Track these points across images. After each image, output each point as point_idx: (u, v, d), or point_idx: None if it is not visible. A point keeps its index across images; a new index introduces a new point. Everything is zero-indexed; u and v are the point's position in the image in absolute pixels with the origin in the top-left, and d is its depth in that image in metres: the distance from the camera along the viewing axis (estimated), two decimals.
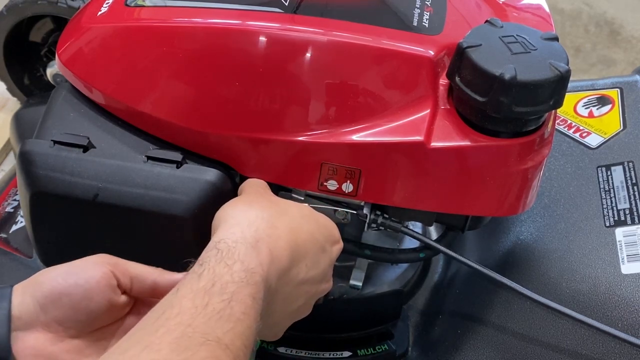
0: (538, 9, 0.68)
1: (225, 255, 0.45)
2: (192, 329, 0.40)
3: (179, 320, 0.40)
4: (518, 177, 0.59)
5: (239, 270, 0.44)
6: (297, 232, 0.50)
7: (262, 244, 0.47)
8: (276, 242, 0.48)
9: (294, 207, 0.53)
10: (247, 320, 0.42)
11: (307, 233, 0.51)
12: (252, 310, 0.43)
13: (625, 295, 0.61)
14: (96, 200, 0.55)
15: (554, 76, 0.53)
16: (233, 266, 0.44)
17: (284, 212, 0.51)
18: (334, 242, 0.55)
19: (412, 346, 0.76)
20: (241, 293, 0.43)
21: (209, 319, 0.40)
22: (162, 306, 0.42)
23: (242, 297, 0.42)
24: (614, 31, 1.80)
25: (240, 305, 0.42)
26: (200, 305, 0.41)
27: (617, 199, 0.69)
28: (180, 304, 0.41)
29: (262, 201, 0.52)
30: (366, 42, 0.57)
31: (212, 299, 0.41)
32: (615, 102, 0.81)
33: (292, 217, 0.51)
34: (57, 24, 1.02)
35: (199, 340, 0.39)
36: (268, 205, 0.51)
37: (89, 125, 0.60)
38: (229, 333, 0.40)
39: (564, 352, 0.62)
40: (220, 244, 0.46)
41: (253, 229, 0.47)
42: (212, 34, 0.57)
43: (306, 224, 0.52)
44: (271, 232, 0.48)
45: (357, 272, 0.75)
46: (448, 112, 0.58)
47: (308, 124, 0.57)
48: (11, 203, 0.91)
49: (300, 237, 0.50)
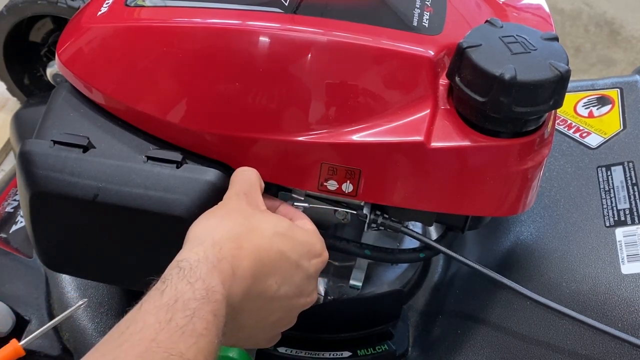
0: (538, 9, 0.68)
1: (187, 274, 0.46)
2: (156, 344, 0.41)
3: (143, 335, 0.41)
4: (518, 177, 0.59)
5: (200, 288, 0.45)
6: (266, 250, 0.51)
7: (224, 263, 0.47)
8: (240, 262, 0.49)
9: (268, 222, 0.53)
10: (208, 336, 0.43)
11: (276, 251, 0.51)
12: (214, 327, 0.44)
13: (625, 295, 0.61)
14: (96, 200, 0.55)
15: (554, 76, 0.53)
16: (195, 284, 0.45)
17: (254, 229, 0.51)
18: (312, 257, 0.55)
19: (412, 346, 0.76)
20: (203, 310, 0.44)
21: (172, 334, 0.42)
22: (125, 322, 0.43)
23: (203, 314, 0.44)
24: (614, 31, 1.80)
25: (202, 321, 0.43)
26: (163, 320, 0.42)
27: (617, 199, 0.69)
28: (144, 320, 0.43)
29: (235, 217, 0.52)
30: (366, 42, 0.57)
31: (175, 314, 0.43)
32: (615, 102, 0.81)
33: (262, 235, 0.51)
34: (57, 24, 1.02)
35: (163, 355, 0.41)
36: (240, 221, 0.51)
37: (89, 125, 0.60)
38: (192, 348, 0.42)
39: (564, 352, 0.62)
40: (183, 263, 0.47)
41: (217, 249, 0.48)
42: (212, 34, 0.57)
43: (278, 241, 0.52)
44: (236, 252, 0.49)
45: (357, 272, 0.75)
46: (448, 112, 0.58)
47: (308, 124, 0.57)
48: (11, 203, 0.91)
49: (269, 255, 0.51)
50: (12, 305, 0.75)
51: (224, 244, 0.49)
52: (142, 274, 0.61)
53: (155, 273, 0.59)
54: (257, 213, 0.54)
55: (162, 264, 0.58)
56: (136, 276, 0.61)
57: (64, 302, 0.77)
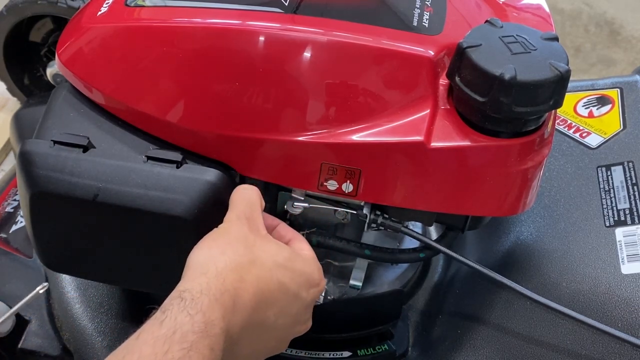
0: (538, 9, 0.68)
1: (189, 305, 0.45)
2: None
3: None
4: (518, 177, 0.59)
5: (200, 321, 0.45)
6: (267, 282, 0.50)
7: (226, 296, 0.47)
8: (242, 295, 0.48)
9: (269, 253, 0.52)
10: None
11: (276, 283, 0.51)
12: None
13: (625, 295, 0.61)
14: (96, 200, 0.55)
15: (554, 76, 0.53)
16: (195, 316, 0.45)
17: (255, 260, 0.51)
18: (311, 286, 0.55)
19: (412, 346, 0.76)
20: (200, 343, 0.44)
21: None
22: (122, 350, 0.43)
23: (201, 347, 0.44)
24: (614, 31, 1.80)
25: (199, 355, 0.43)
26: (160, 352, 0.42)
27: (617, 199, 0.69)
28: (141, 350, 0.43)
29: (237, 246, 0.51)
30: (366, 42, 0.57)
31: (172, 346, 0.43)
32: (615, 102, 0.81)
33: (263, 266, 0.51)
34: (57, 24, 1.02)
35: None
36: (242, 252, 0.51)
37: (89, 125, 0.60)
38: None
39: (564, 352, 0.62)
40: (185, 294, 0.47)
41: (220, 281, 0.48)
42: (212, 34, 0.57)
43: (278, 273, 0.52)
44: (238, 284, 0.49)
45: (357, 272, 0.75)
46: (448, 112, 0.58)
47: (308, 124, 0.57)
48: (11, 203, 0.91)
49: (269, 287, 0.51)
50: (12, 305, 0.75)
51: (227, 275, 0.48)
52: (141, 274, 0.61)
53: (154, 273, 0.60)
54: (259, 241, 0.53)
55: (162, 263, 0.58)
56: (136, 276, 0.61)
57: (64, 302, 0.77)
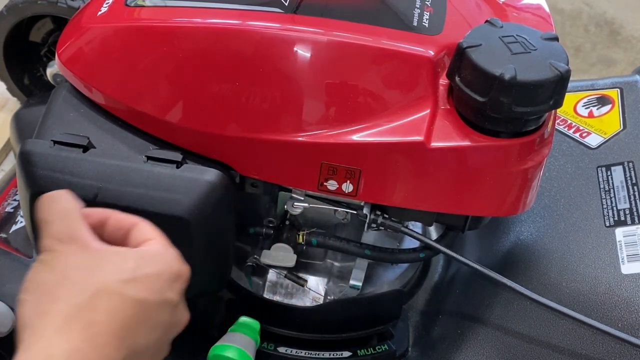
0: (538, 9, 0.68)
1: None
2: None
3: None
4: (518, 177, 0.59)
5: None
6: (123, 310, 0.42)
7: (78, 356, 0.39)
8: (98, 342, 0.40)
9: (112, 272, 0.42)
10: None
11: (134, 304, 0.43)
12: None
13: (625, 295, 0.61)
14: (96, 200, 0.55)
15: (554, 76, 0.53)
16: None
17: (99, 291, 0.42)
18: (172, 283, 0.45)
19: (412, 346, 0.76)
20: None
21: None
22: None
23: None
24: (614, 31, 1.80)
25: None
26: None
27: (617, 199, 0.69)
28: None
29: (69, 284, 0.42)
30: (366, 42, 0.57)
31: None
32: (615, 102, 0.81)
33: (111, 294, 0.42)
34: (57, 24, 1.02)
35: None
36: (79, 287, 0.41)
37: (89, 125, 0.60)
38: None
39: (564, 352, 0.62)
40: None
41: (63, 340, 0.39)
42: (212, 34, 0.57)
43: (131, 291, 0.43)
44: (88, 333, 0.40)
45: (357, 272, 0.75)
46: (448, 112, 0.58)
47: (308, 124, 0.57)
48: (11, 203, 0.91)
49: (127, 314, 0.42)
50: (12, 305, 0.75)
51: (70, 328, 0.39)
52: None
53: None
54: (93, 262, 0.43)
55: None
56: None
57: None
